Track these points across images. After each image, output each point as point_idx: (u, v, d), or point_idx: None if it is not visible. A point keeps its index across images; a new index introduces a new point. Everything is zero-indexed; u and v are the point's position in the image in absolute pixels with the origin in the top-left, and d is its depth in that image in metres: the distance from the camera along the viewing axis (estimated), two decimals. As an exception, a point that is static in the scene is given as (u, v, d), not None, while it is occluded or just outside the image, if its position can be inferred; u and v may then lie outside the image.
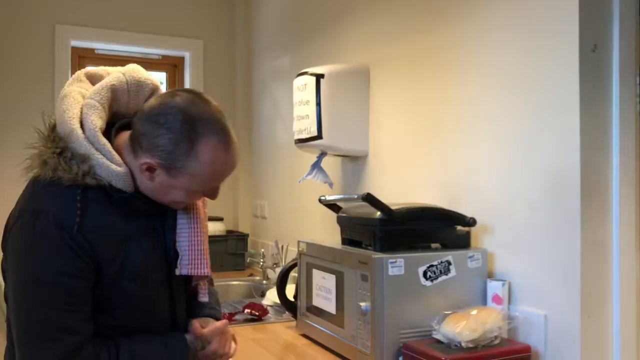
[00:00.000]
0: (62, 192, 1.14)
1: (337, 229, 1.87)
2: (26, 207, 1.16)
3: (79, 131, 1.16)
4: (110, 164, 1.16)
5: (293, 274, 2.04)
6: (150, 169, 1.17)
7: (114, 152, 1.18)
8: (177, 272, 1.27)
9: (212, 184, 1.23)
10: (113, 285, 1.17)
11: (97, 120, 1.18)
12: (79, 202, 1.14)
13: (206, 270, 1.30)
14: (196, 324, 1.30)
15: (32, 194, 1.18)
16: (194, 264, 1.28)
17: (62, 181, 1.13)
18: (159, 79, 3.66)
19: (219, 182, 1.24)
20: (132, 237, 1.20)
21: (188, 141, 1.15)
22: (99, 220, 1.16)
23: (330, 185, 2.35)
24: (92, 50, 3.44)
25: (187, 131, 1.14)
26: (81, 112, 1.19)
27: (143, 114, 1.19)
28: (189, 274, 1.28)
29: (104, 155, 1.16)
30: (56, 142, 1.16)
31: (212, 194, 1.26)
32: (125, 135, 1.23)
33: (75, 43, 3.36)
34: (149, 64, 3.58)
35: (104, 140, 1.17)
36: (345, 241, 1.82)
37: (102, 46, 3.44)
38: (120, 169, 1.16)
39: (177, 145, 1.14)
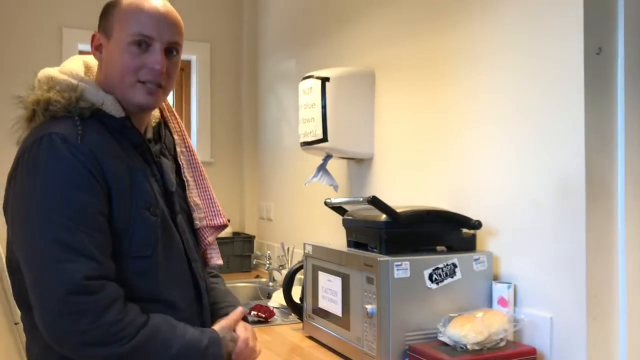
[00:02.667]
0: (60, 121, 1.14)
1: (343, 231, 1.88)
2: (28, 140, 1.14)
3: (60, 74, 1.20)
4: (98, 89, 1.20)
5: (299, 276, 2.05)
6: (98, 45, 1.24)
7: (97, 86, 1.21)
8: (197, 224, 1.33)
9: (145, 29, 1.20)
10: (131, 213, 1.14)
11: (77, 68, 1.24)
12: (78, 125, 1.14)
13: (222, 220, 1.38)
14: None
15: (30, 134, 1.16)
16: (210, 216, 1.36)
17: (57, 113, 1.15)
18: (165, 81, 3.67)
19: (152, 29, 1.21)
20: (135, 168, 1.19)
21: (106, 5, 1.25)
22: (100, 142, 1.15)
23: (336, 187, 2.35)
24: (99, 53, 3.45)
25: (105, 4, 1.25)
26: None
27: None
28: (207, 225, 1.35)
29: (89, 85, 1.20)
30: (42, 86, 1.18)
31: (154, 56, 1.21)
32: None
33: (82, 46, 3.38)
34: (155, 67, 3.59)
35: (86, 78, 1.22)
36: (351, 244, 1.83)
37: (109, 49, 3.45)
38: (108, 95, 1.20)
39: (105, 9, 1.24)
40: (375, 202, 1.63)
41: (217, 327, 1.26)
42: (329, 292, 1.80)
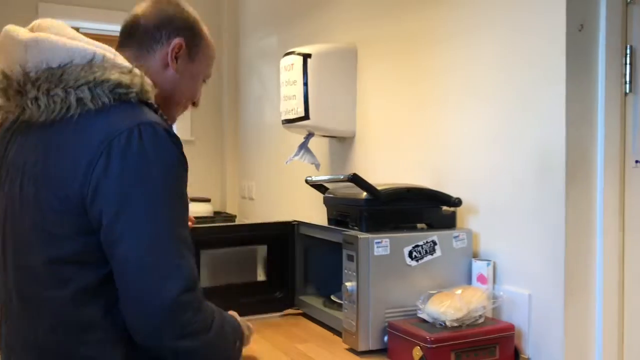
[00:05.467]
0: (137, 107, 1.08)
1: (324, 209, 1.87)
2: (121, 128, 1.02)
3: (112, 54, 1.13)
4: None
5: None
6: (177, 53, 1.23)
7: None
8: None
9: (210, 68, 1.33)
10: None
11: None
12: (161, 114, 1.13)
13: None
14: None
15: (111, 119, 1.04)
16: None
17: (130, 98, 1.07)
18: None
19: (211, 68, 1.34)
20: None
21: (196, 20, 1.27)
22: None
23: (317, 166, 2.34)
24: (77, 29, 3.37)
25: (191, 14, 1.27)
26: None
27: (142, 16, 1.23)
28: None
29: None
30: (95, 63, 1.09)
31: (199, 95, 1.34)
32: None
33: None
34: (134, 43, 3.53)
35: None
36: (332, 221, 1.82)
37: (86, 25, 3.38)
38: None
39: (194, 22, 1.26)
40: (356, 179, 1.62)
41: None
42: (310, 270, 1.80)
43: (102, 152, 1.01)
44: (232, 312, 1.30)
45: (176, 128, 3.79)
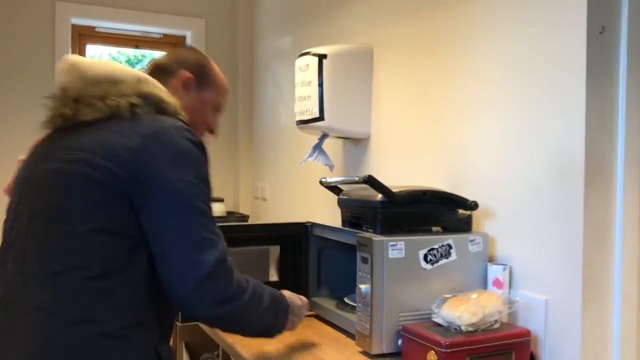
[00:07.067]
0: (173, 118, 1.30)
1: (338, 211, 1.86)
2: (163, 125, 1.25)
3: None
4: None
5: (293, 255, 2.04)
6: (187, 83, 1.48)
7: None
8: None
9: (225, 99, 1.58)
10: None
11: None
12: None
13: None
14: None
15: (154, 120, 1.26)
16: None
17: (168, 112, 1.31)
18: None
19: (227, 100, 1.60)
20: None
21: (205, 58, 1.56)
22: None
23: (331, 167, 2.33)
24: (93, 28, 3.40)
25: (200, 53, 1.57)
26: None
27: (164, 57, 1.54)
28: None
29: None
30: (155, 84, 1.35)
31: (218, 123, 1.59)
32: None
33: (75, 21, 3.32)
34: (149, 42, 3.55)
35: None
36: (346, 223, 1.81)
37: (102, 24, 3.40)
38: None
39: (202, 63, 1.53)
40: (371, 181, 1.61)
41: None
42: (323, 271, 1.79)
43: (146, 144, 1.20)
44: (284, 291, 1.48)
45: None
